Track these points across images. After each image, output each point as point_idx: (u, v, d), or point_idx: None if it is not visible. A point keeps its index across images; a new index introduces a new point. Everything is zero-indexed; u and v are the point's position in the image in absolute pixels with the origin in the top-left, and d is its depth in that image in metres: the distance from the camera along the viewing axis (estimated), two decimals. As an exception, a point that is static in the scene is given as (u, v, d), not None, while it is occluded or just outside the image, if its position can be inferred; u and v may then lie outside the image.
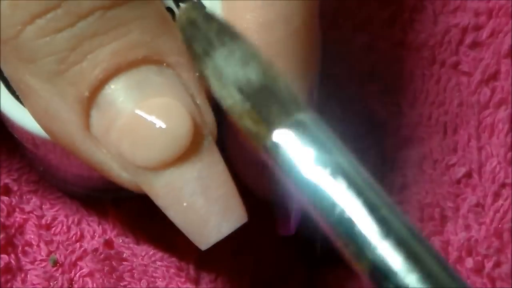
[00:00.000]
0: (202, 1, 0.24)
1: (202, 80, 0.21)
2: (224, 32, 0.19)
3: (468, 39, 0.29)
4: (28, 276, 0.27)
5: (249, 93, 0.17)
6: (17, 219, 0.28)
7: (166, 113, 0.21)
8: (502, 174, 0.27)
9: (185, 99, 0.21)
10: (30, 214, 0.28)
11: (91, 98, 0.21)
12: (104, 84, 0.21)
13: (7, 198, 0.28)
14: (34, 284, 0.27)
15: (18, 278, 0.27)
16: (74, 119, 0.21)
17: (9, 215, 0.28)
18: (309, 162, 0.16)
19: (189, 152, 0.21)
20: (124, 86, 0.21)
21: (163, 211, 0.22)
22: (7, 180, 0.28)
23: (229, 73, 0.18)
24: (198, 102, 0.21)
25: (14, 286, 0.27)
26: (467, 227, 0.27)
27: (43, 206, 0.28)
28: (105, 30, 0.20)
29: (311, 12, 0.23)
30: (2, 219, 0.28)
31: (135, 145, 0.21)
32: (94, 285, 0.27)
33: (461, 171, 0.28)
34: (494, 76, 0.28)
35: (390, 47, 0.29)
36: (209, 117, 0.21)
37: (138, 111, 0.20)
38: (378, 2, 0.30)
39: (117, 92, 0.21)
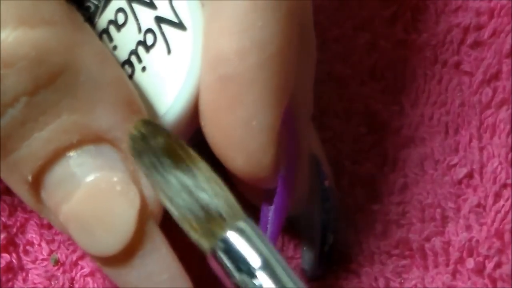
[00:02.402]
0: (183, 22, 0.23)
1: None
2: (171, 150, 0.20)
3: (470, 39, 0.29)
4: (29, 275, 0.27)
5: (195, 211, 0.20)
6: (19, 218, 0.28)
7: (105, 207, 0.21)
8: (503, 174, 0.27)
9: (125, 182, 0.21)
10: (32, 213, 0.28)
11: (35, 181, 0.21)
12: (45, 170, 0.21)
13: (9, 197, 0.28)
14: (35, 283, 0.27)
15: (20, 277, 0.27)
16: (24, 194, 0.21)
17: (11, 214, 0.28)
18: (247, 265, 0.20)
19: (129, 242, 0.21)
20: (64, 173, 0.21)
21: None
22: (8, 179, 0.28)
23: (177, 193, 0.20)
24: (140, 176, 0.21)
25: (15, 285, 0.27)
26: (468, 228, 0.27)
27: (44, 205, 0.28)
28: (35, 116, 0.20)
29: (287, 39, 0.22)
30: (3, 219, 0.28)
31: (79, 232, 0.21)
32: (95, 284, 0.27)
33: (463, 171, 0.27)
34: (496, 76, 0.28)
35: (391, 47, 0.29)
36: (152, 194, 0.21)
37: (75, 204, 0.21)
38: (380, 1, 0.30)
39: (59, 179, 0.21)
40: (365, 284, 0.27)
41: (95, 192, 0.21)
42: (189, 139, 0.24)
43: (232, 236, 0.20)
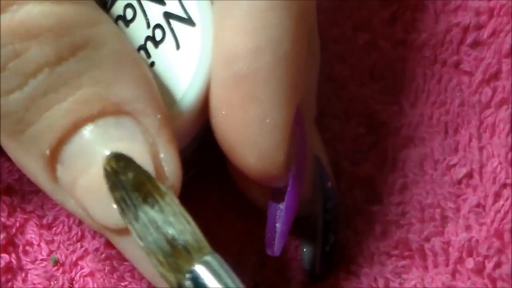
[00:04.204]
0: (192, 18, 0.23)
1: (165, 121, 0.21)
2: (140, 185, 0.20)
3: (469, 39, 0.29)
4: (28, 275, 0.27)
5: (162, 245, 0.20)
6: (18, 218, 0.28)
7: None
8: (503, 174, 0.27)
9: (144, 154, 0.21)
10: (31, 214, 0.28)
11: (53, 155, 0.21)
12: (63, 142, 0.21)
13: (9, 198, 0.28)
14: (34, 284, 0.27)
15: (19, 278, 0.27)
16: (40, 172, 0.21)
17: (10, 214, 0.28)
18: None
19: None
20: (83, 145, 0.21)
21: None
22: (9, 180, 0.29)
23: (146, 227, 0.20)
24: (159, 149, 0.21)
25: (14, 286, 0.27)
26: (468, 228, 0.27)
27: (44, 206, 0.28)
28: (57, 87, 0.20)
29: (300, 37, 0.22)
30: (3, 219, 0.28)
31: (96, 205, 0.21)
32: (95, 285, 0.27)
33: (462, 171, 0.27)
34: (495, 75, 0.28)
35: (391, 47, 0.29)
36: (171, 167, 0.21)
37: (94, 176, 0.21)
38: (380, 1, 0.30)
39: (77, 151, 0.21)
40: (364, 284, 0.27)
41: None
42: (195, 135, 0.24)
43: (199, 270, 0.20)
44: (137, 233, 0.20)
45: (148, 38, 0.23)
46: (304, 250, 0.27)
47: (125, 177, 0.20)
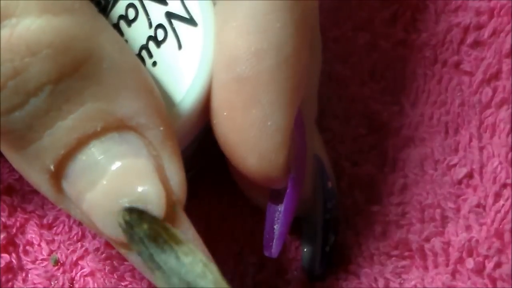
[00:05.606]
0: (194, 18, 0.23)
1: (169, 133, 0.21)
2: (156, 235, 0.20)
3: (470, 39, 0.29)
4: (29, 275, 0.28)
5: None
6: (19, 218, 0.28)
7: (130, 192, 0.21)
8: (503, 174, 0.27)
9: (149, 168, 0.21)
10: (32, 213, 0.28)
11: (57, 170, 0.21)
12: (68, 159, 0.20)
13: (9, 197, 0.28)
14: (35, 283, 0.27)
15: (19, 277, 0.27)
16: (43, 184, 0.21)
17: (10, 214, 0.28)
18: None
19: None
20: (87, 162, 0.20)
21: None
22: (9, 180, 0.29)
23: (167, 276, 0.20)
24: (164, 162, 0.21)
25: (15, 286, 0.27)
26: (468, 228, 0.27)
27: (44, 206, 0.29)
28: (59, 105, 0.20)
29: (302, 40, 0.22)
30: (3, 219, 0.28)
31: (103, 219, 0.21)
32: (95, 284, 0.27)
33: (462, 171, 0.27)
34: (496, 75, 0.28)
35: (391, 47, 0.29)
36: (176, 180, 0.21)
37: (100, 192, 0.20)
38: (380, 1, 0.30)
39: (82, 167, 0.21)
40: (364, 284, 0.27)
41: (120, 179, 0.21)
42: (196, 135, 0.24)
43: None
44: (161, 281, 0.20)
45: (150, 38, 0.23)
46: (305, 250, 0.27)
47: (139, 229, 0.20)
